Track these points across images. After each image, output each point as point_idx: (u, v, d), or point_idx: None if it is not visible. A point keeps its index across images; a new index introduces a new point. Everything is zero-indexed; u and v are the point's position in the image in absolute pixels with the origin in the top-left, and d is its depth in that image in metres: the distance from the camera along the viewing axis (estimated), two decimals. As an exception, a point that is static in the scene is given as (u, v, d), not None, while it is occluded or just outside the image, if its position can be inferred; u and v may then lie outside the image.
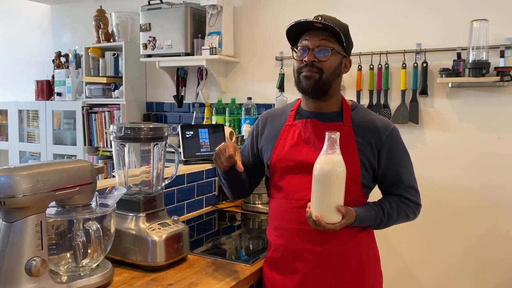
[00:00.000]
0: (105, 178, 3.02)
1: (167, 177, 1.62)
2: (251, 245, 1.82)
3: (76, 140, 3.58)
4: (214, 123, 2.96)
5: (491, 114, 2.35)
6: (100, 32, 3.45)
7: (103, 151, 3.50)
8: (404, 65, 2.51)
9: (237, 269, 1.48)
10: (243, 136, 2.75)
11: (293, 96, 2.70)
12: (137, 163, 1.53)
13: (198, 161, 2.33)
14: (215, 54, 2.89)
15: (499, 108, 2.34)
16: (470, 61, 2.28)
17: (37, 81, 3.92)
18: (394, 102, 2.59)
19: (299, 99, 1.53)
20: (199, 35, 3.01)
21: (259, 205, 2.29)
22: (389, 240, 2.58)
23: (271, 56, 2.95)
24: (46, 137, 3.73)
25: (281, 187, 1.45)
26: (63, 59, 3.83)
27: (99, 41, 3.48)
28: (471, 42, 2.28)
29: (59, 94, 3.68)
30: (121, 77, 3.37)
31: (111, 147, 1.99)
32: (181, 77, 3.30)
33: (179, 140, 2.32)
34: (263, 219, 2.16)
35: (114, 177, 1.70)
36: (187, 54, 3.01)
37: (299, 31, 1.41)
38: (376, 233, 1.52)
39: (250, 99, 2.95)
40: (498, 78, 2.25)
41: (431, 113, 2.50)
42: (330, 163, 1.24)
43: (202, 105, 3.22)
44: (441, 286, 2.51)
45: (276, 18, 2.93)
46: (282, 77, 2.89)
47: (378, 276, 1.50)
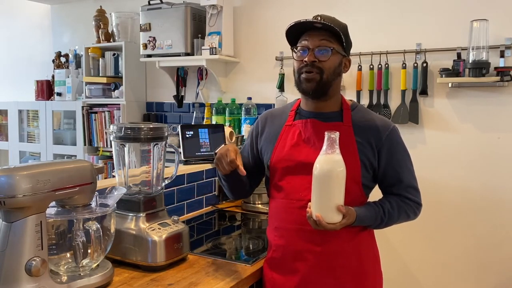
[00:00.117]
0: (105, 178, 3.02)
1: (167, 177, 1.62)
2: (251, 245, 1.82)
3: (76, 140, 3.58)
4: (214, 123, 2.96)
5: (491, 114, 2.35)
6: (100, 32, 3.45)
7: (103, 151, 3.50)
8: (404, 65, 2.51)
9: (237, 269, 1.48)
10: (243, 136, 2.74)
11: (293, 96, 2.69)
12: (137, 163, 1.53)
13: (198, 161, 2.33)
14: (215, 54, 2.89)
15: (499, 108, 2.34)
16: (470, 61, 2.28)
17: (37, 81, 3.92)
18: (394, 102, 2.59)
19: (298, 99, 1.53)
20: (199, 35, 3.01)
21: (259, 205, 2.29)
22: (389, 240, 2.58)
23: (271, 56, 2.95)
24: (46, 137, 3.73)
25: (281, 187, 1.45)
26: (63, 59, 3.83)
27: (99, 41, 3.48)
28: (471, 42, 2.28)
29: (59, 94, 3.69)
30: (121, 77, 3.37)
31: (111, 147, 1.99)
32: (181, 77, 3.30)
33: (179, 140, 2.32)
34: (263, 219, 2.16)
35: (114, 177, 1.70)
36: (187, 54, 3.01)
37: (298, 31, 1.41)
38: (376, 233, 1.52)
39: (250, 99, 2.95)
40: (498, 78, 2.25)
41: (431, 113, 2.50)
42: (329, 163, 1.24)
43: (202, 105, 3.22)
44: (441, 286, 2.51)
45: (276, 18, 2.93)
46: (282, 77, 2.89)
47: (378, 276, 1.50)
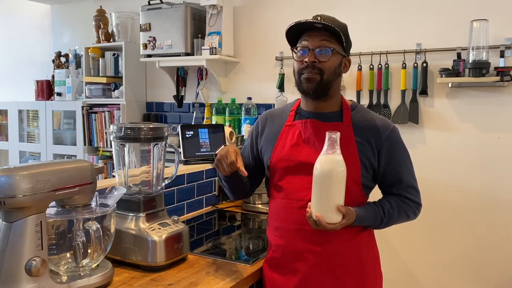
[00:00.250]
0: (105, 178, 3.02)
1: (167, 177, 1.62)
2: (251, 245, 1.82)
3: (76, 140, 3.58)
4: (214, 123, 2.96)
5: (491, 114, 2.35)
6: (100, 32, 3.45)
7: (103, 151, 3.50)
8: (404, 65, 2.51)
9: (237, 269, 1.48)
10: (243, 136, 2.74)
11: (293, 96, 2.69)
12: (137, 163, 1.53)
13: (198, 161, 2.33)
14: (215, 54, 2.89)
15: (499, 108, 2.34)
16: (470, 61, 2.27)
17: (37, 81, 3.92)
18: (394, 102, 2.59)
19: (298, 99, 1.53)
20: (199, 35, 3.01)
21: (259, 205, 2.29)
22: (389, 240, 2.58)
23: (271, 56, 2.95)
24: (46, 137, 3.73)
25: (281, 187, 1.45)
26: (63, 59, 3.83)
27: (99, 41, 3.48)
28: (471, 42, 2.28)
29: (59, 94, 3.69)
30: (121, 77, 3.37)
31: (111, 147, 1.99)
32: (181, 77, 3.30)
33: (179, 140, 2.31)
34: (263, 219, 2.16)
35: (114, 177, 1.70)
36: (187, 54, 3.01)
37: (298, 32, 1.41)
38: (376, 233, 1.52)
39: (250, 99, 2.95)
40: (498, 78, 2.25)
41: (431, 113, 2.50)
42: (330, 163, 1.24)
43: (202, 105, 3.22)
44: (441, 286, 2.51)
45: (276, 18, 2.93)
46: (282, 77, 2.89)
47: (378, 276, 1.50)
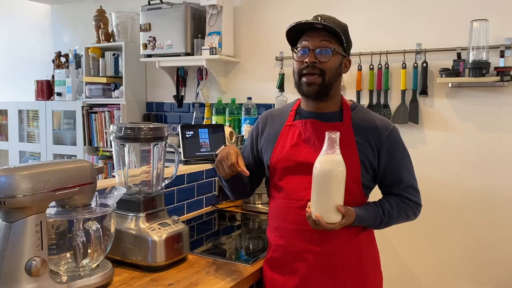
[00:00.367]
0: (105, 178, 3.02)
1: (167, 177, 1.62)
2: (251, 245, 1.82)
3: (76, 140, 3.58)
4: (214, 123, 2.96)
5: (491, 114, 2.35)
6: (100, 32, 3.45)
7: (103, 151, 3.50)
8: (404, 65, 2.51)
9: (237, 269, 1.48)
10: (243, 136, 2.74)
11: (293, 96, 2.69)
12: (137, 163, 1.53)
13: (198, 161, 2.33)
14: (215, 54, 2.89)
15: (499, 108, 2.34)
16: (470, 61, 2.27)
17: (37, 81, 3.92)
18: (394, 102, 2.59)
19: (298, 99, 1.53)
20: (199, 35, 3.01)
21: (259, 205, 2.29)
22: (389, 240, 2.58)
23: (271, 56, 2.95)
24: (46, 137, 3.73)
25: (281, 187, 1.45)
26: (63, 59, 3.83)
27: (99, 41, 3.48)
28: (471, 42, 2.28)
29: (59, 94, 3.69)
30: (121, 77, 3.37)
31: (111, 147, 1.99)
32: (181, 77, 3.30)
33: (179, 140, 2.32)
34: (263, 219, 2.16)
35: (114, 177, 1.70)
36: (187, 54, 3.01)
37: (299, 32, 1.41)
38: (376, 233, 1.52)
39: (250, 99, 2.95)
40: (498, 78, 2.25)
41: (431, 113, 2.50)
42: (330, 163, 1.24)
43: (202, 105, 3.22)
44: (441, 285, 2.51)
45: (276, 18, 2.93)
46: (282, 77, 2.89)
47: (378, 276, 1.50)
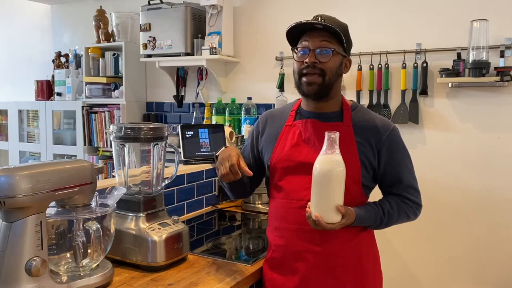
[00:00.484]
0: (105, 178, 3.02)
1: (167, 177, 1.62)
2: (251, 245, 1.82)
3: (76, 140, 3.58)
4: (214, 123, 2.96)
5: (491, 114, 2.35)
6: (100, 32, 3.45)
7: (103, 151, 3.50)
8: (404, 65, 2.51)
9: (237, 269, 1.48)
10: (243, 136, 2.74)
11: (293, 96, 2.69)
12: (137, 163, 1.53)
13: (198, 161, 2.33)
14: (215, 54, 2.89)
15: (499, 108, 2.34)
16: (470, 61, 2.27)
17: (37, 81, 3.92)
18: (394, 102, 2.59)
19: (299, 99, 1.53)
20: (199, 35, 3.00)
21: (259, 205, 2.29)
22: (389, 240, 2.58)
23: (271, 56, 2.95)
24: (46, 137, 3.73)
25: (281, 187, 1.45)
26: (63, 59, 3.83)
27: (99, 41, 3.48)
28: (471, 42, 2.28)
29: (59, 94, 3.69)
30: (121, 77, 3.37)
31: (111, 147, 1.99)
32: (181, 77, 3.30)
33: (179, 140, 2.32)
34: (263, 219, 2.16)
35: (114, 177, 1.70)
36: (187, 54, 3.01)
37: (299, 32, 1.41)
38: (376, 233, 1.52)
39: (250, 99, 2.95)
40: (498, 78, 2.25)
41: (431, 113, 2.50)
42: (329, 163, 1.24)
43: (202, 105, 3.22)
44: (441, 285, 2.51)
45: (276, 18, 2.93)
46: (282, 77, 2.89)
47: (378, 276, 1.50)
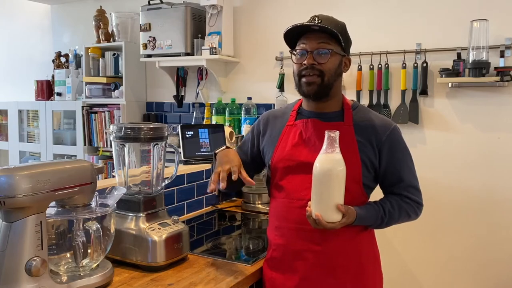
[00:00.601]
0: (105, 178, 3.02)
1: (167, 177, 1.62)
2: (251, 245, 1.82)
3: (76, 140, 3.58)
4: (214, 123, 2.96)
5: (491, 114, 2.35)
6: (100, 32, 3.45)
7: (103, 151, 3.50)
8: (404, 65, 2.51)
9: (237, 269, 1.48)
10: (243, 136, 2.74)
11: (293, 96, 2.69)
12: (137, 163, 1.53)
13: (198, 161, 2.33)
14: (215, 54, 2.89)
15: (499, 108, 2.34)
16: (470, 61, 2.27)
17: (37, 81, 3.92)
18: (394, 102, 2.59)
19: (300, 99, 1.53)
20: (199, 35, 3.01)
21: (259, 205, 2.29)
22: (389, 240, 2.58)
23: (271, 56, 2.95)
24: (46, 137, 3.73)
25: (282, 187, 1.45)
26: (63, 59, 3.83)
27: (99, 41, 3.48)
28: (471, 42, 2.28)
29: (59, 94, 3.69)
30: (121, 77, 3.37)
31: (111, 147, 1.99)
32: (181, 77, 3.30)
33: (179, 140, 2.32)
34: (263, 219, 2.16)
35: (114, 177, 1.70)
36: (187, 54, 3.01)
37: (296, 34, 1.41)
38: (376, 233, 1.52)
39: (250, 99, 2.95)
40: (498, 78, 2.25)
41: (431, 113, 2.50)
42: (329, 162, 1.24)
43: (202, 105, 3.22)
44: (441, 285, 2.51)
45: (276, 18, 2.93)
46: (282, 77, 2.89)
47: (378, 276, 1.50)
